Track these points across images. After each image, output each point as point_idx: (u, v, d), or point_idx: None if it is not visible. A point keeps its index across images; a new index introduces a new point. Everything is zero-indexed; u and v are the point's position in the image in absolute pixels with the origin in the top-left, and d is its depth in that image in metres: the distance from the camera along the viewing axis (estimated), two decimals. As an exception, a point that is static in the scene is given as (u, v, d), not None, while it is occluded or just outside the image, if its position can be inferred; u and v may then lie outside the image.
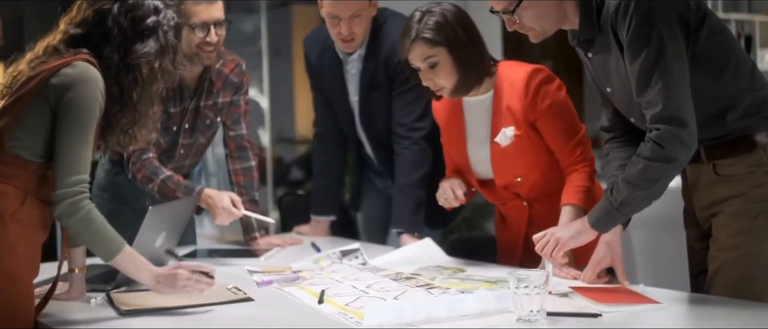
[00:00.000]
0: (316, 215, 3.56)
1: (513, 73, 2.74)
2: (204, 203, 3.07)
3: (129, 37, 2.28)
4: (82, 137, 2.21)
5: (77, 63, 2.22)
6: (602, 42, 2.34)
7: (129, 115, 2.33)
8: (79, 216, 2.21)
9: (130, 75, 2.29)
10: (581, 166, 2.73)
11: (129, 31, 2.28)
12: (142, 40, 2.29)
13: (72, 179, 2.20)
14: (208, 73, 3.18)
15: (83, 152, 2.22)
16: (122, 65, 2.28)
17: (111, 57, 2.27)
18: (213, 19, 3.03)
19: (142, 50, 2.28)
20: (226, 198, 3.04)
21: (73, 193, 2.20)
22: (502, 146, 2.75)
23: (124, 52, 2.28)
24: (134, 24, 2.29)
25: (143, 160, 3.10)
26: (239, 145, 3.33)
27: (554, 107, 2.71)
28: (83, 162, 2.22)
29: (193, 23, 3.02)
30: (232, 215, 3.04)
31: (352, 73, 3.31)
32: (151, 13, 2.32)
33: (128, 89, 2.29)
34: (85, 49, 2.26)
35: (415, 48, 2.68)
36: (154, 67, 2.32)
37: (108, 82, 2.26)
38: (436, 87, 2.73)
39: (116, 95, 2.29)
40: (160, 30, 2.32)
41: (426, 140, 3.20)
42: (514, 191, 2.87)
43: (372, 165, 3.52)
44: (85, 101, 2.20)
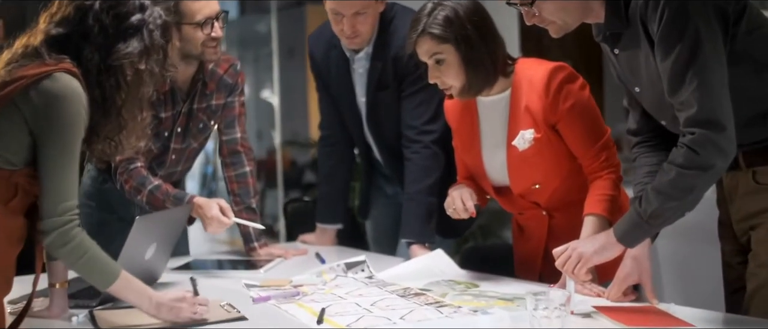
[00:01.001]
0: (321, 224, 3.39)
1: (532, 71, 2.58)
2: (195, 213, 2.93)
3: (111, 36, 2.12)
4: (67, 159, 2.06)
5: (58, 76, 2.05)
6: (630, 37, 2.16)
7: (113, 122, 2.17)
8: (70, 247, 2.08)
9: (113, 78, 2.13)
10: (606, 172, 2.56)
11: (111, 29, 2.12)
12: (125, 40, 2.13)
13: (60, 207, 2.06)
14: (201, 75, 3.03)
15: (69, 176, 2.07)
16: (103, 67, 2.11)
17: (91, 58, 2.11)
18: (215, 12, 2.90)
19: (124, 51, 2.12)
20: (215, 206, 2.88)
21: (62, 222, 2.06)
22: (520, 151, 2.59)
23: (106, 53, 2.11)
24: (117, 22, 2.13)
25: (131, 170, 2.96)
26: (232, 150, 3.17)
27: (577, 108, 2.54)
28: (70, 186, 2.08)
29: (197, 21, 2.86)
30: (222, 223, 2.87)
31: (359, 73, 3.13)
32: (136, 11, 2.15)
33: (111, 93, 2.13)
34: (67, 55, 2.10)
35: (421, 43, 2.54)
36: (139, 70, 2.16)
37: (89, 85, 2.10)
38: (444, 85, 2.58)
39: (98, 100, 2.12)
40: (144, 29, 2.15)
41: (438, 144, 3.03)
42: (532, 199, 2.69)
43: (381, 170, 3.34)
44: (67, 120, 2.05)
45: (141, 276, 2.55)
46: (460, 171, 2.83)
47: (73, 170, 2.07)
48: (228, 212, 2.89)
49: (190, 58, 2.95)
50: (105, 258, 2.12)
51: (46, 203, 2.06)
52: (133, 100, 2.18)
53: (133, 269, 2.46)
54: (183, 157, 3.14)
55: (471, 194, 2.68)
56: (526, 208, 2.74)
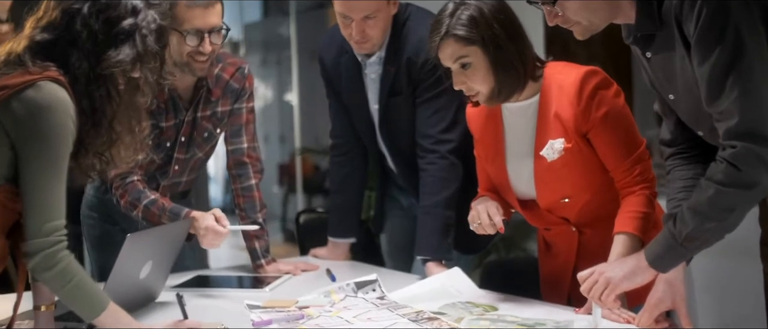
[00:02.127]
0: (333, 237, 3.21)
1: (563, 76, 2.41)
2: (191, 228, 2.76)
3: (101, 42, 1.96)
4: (53, 175, 1.92)
5: (43, 84, 1.90)
6: (664, 39, 1.97)
7: (103, 135, 2.01)
8: (56, 271, 1.94)
9: (103, 88, 1.98)
10: (639, 187, 2.37)
11: (101, 35, 1.96)
12: (116, 46, 1.97)
13: (46, 227, 1.92)
14: (204, 81, 2.87)
15: (56, 194, 1.93)
16: (93, 76, 1.96)
17: (80, 66, 1.95)
18: (208, 26, 2.72)
19: (115, 58, 1.96)
20: (209, 217, 2.72)
21: (48, 244, 1.92)
22: (548, 161, 2.42)
23: (96, 61, 1.96)
24: (107, 27, 1.97)
25: (126, 184, 2.81)
26: (239, 161, 3.00)
27: (611, 117, 2.37)
28: (57, 205, 1.93)
29: (185, 30, 2.70)
30: (218, 233, 2.71)
31: (371, 78, 2.95)
32: (128, 15, 2.00)
33: (101, 104, 1.98)
34: (52, 62, 1.94)
35: (445, 46, 2.36)
36: (132, 79, 2.01)
37: (77, 95, 1.95)
38: (470, 91, 2.41)
39: (87, 111, 1.97)
40: (137, 34, 1.99)
41: (455, 154, 2.85)
42: (560, 214, 2.52)
43: (396, 181, 3.16)
44: (53, 132, 1.90)
45: (136, 296, 2.43)
46: (483, 183, 2.66)
47: (59, 186, 1.93)
48: (223, 221, 2.73)
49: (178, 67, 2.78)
50: (93, 286, 1.98)
51: (30, 222, 1.92)
52: (126, 111, 2.03)
53: (127, 288, 2.35)
54: (187, 167, 2.98)
55: (497, 207, 2.51)
56: (553, 223, 2.56)
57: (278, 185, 9.56)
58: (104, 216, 3.03)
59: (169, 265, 2.60)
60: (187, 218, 2.71)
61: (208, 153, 3.03)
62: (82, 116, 1.96)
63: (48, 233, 1.91)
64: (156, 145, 2.84)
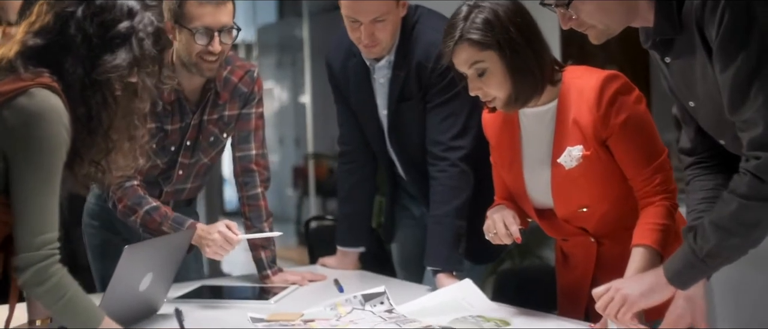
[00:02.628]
0: (342, 247, 3.12)
1: (582, 81, 2.32)
2: (195, 241, 2.69)
3: (96, 46, 1.89)
4: (45, 186, 1.84)
5: (35, 91, 1.83)
6: (684, 43, 1.87)
7: (99, 143, 1.94)
8: (48, 286, 1.86)
9: (99, 94, 1.90)
10: (659, 198, 2.28)
11: (96, 39, 1.89)
12: (112, 51, 1.89)
13: (38, 240, 1.84)
14: (212, 84, 2.79)
15: (49, 205, 1.85)
16: (88, 82, 1.88)
17: (74, 72, 1.87)
18: (218, 24, 2.65)
19: (111, 63, 1.88)
20: (220, 224, 2.66)
21: (40, 258, 1.84)
22: (566, 169, 2.33)
23: (91, 66, 1.88)
24: (102, 30, 1.89)
25: (126, 188, 2.74)
26: (246, 168, 2.91)
27: (631, 123, 2.28)
28: (49, 217, 1.86)
29: (194, 28, 2.62)
30: (230, 240, 2.64)
31: (380, 83, 2.86)
32: (124, 18, 1.92)
33: (97, 111, 1.91)
34: (46, 68, 1.87)
35: (459, 51, 2.27)
36: (129, 84, 1.93)
37: (72, 102, 1.87)
38: (487, 97, 2.32)
39: (82, 119, 1.90)
40: (133, 38, 1.92)
41: (466, 161, 2.76)
42: (578, 224, 2.43)
43: (406, 188, 3.07)
44: (46, 141, 1.83)
45: (136, 308, 2.36)
46: (499, 191, 2.57)
47: (52, 197, 1.85)
48: (235, 228, 2.67)
49: (186, 67, 2.71)
50: (87, 301, 1.90)
51: (21, 235, 1.84)
52: (124, 118, 1.95)
53: (126, 301, 2.28)
54: (192, 173, 2.91)
55: (514, 217, 2.42)
56: (571, 234, 2.47)
57: (293, 188, 9.50)
58: (106, 224, 2.96)
59: (170, 277, 2.52)
60: (191, 229, 2.63)
61: (214, 159, 2.95)
62: (77, 123, 1.88)
63: (39, 246, 1.84)
64: (160, 148, 2.78)
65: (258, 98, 2.89)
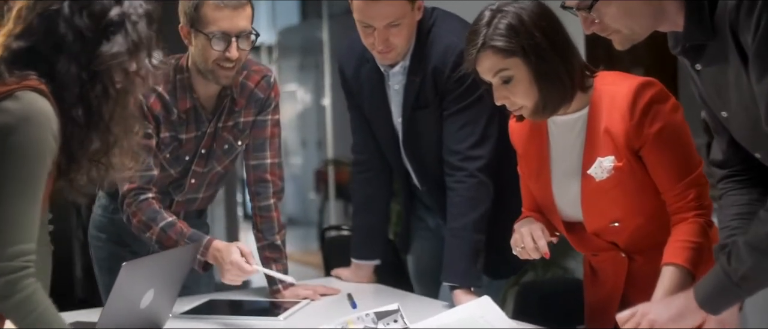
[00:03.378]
0: (356, 259, 3.00)
1: (615, 87, 2.21)
2: (211, 258, 2.60)
3: (90, 39, 1.78)
4: (25, 195, 1.73)
5: (21, 94, 1.72)
6: (717, 50, 1.75)
7: (100, 139, 1.83)
8: (16, 300, 1.73)
9: (99, 86, 1.79)
10: (693, 214, 2.16)
11: (88, 32, 1.78)
12: (108, 40, 1.79)
13: (11, 250, 1.72)
14: (228, 90, 2.70)
15: (28, 215, 1.74)
16: (86, 77, 1.78)
17: (68, 70, 1.77)
18: (236, 29, 2.55)
19: (110, 51, 1.78)
20: (235, 251, 2.55)
21: (12, 269, 1.72)
22: (597, 181, 2.22)
23: (87, 60, 1.78)
24: (94, 22, 1.79)
25: (140, 201, 2.64)
26: (260, 177, 2.80)
27: (666, 133, 2.16)
28: (27, 227, 1.74)
29: (210, 33, 2.53)
30: (243, 271, 2.55)
31: (394, 89, 2.75)
32: (113, 4, 1.81)
33: (97, 105, 1.80)
34: (33, 70, 1.76)
35: (483, 59, 2.16)
36: (129, 72, 1.82)
37: (68, 104, 1.77)
38: (514, 106, 2.21)
39: (80, 118, 1.79)
40: (127, 22, 1.81)
41: (485, 172, 2.64)
42: (609, 238, 2.31)
43: (422, 199, 2.95)
44: (30, 147, 1.72)
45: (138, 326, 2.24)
46: (527, 202, 2.46)
47: (32, 207, 1.74)
48: (250, 259, 2.56)
49: (202, 74, 2.61)
50: (58, 320, 1.78)
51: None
52: (124, 110, 1.85)
53: (126, 319, 2.21)
54: (204, 182, 2.81)
55: (543, 230, 2.31)
56: (601, 248, 2.36)
57: (315, 191, 9.42)
58: (113, 237, 2.88)
59: (174, 292, 2.42)
60: (195, 243, 2.53)
61: (228, 167, 2.86)
62: (74, 124, 1.78)
63: (12, 257, 1.72)
64: (174, 158, 2.70)
65: (274, 104, 2.79)
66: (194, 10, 2.55)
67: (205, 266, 2.64)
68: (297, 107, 10.32)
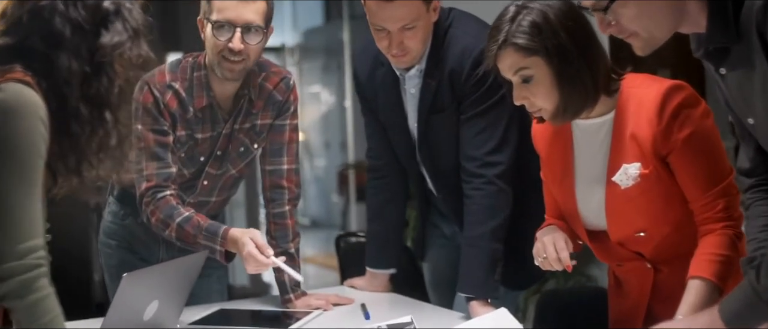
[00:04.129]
0: (371, 268, 2.92)
1: (643, 90, 2.12)
2: (231, 247, 2.53)
3: (89, 32, 1.73)
4: (26, 187, 1.65)
5: (5, 86, 1.66)
6: (742, 53, 1.66)
7: (110, 132, 1.77)
8: (30, 300, 1.65)
9: (105, 78, 1.74)
10: (721, 226, 2.07)
11: (86, 24, 1.72)
12: (107, 29, 1.74)
13: (21, 248, 1.64)
14: (246, 90, 2.63)
15: (32, 208, 1.66)
16: (90, 70, 1.72)
17: (69, 66, 1.71)
18: (241, 20, 2.48)
19: (112, 41, 1.74)
20: (249, 242, 2.47)
21: (26, 268, 1.64)
22: (622, 189, 2.13)
23: (89, 53, 1.72)
24: (90, 13, 1.73)
25: (158, 199, 2.58)
26: (275, 183, 2.73)
27: (695, 139, 2.07)
28: (33, 221, 1.66)
29: (212, 19, 2.47)
30: (260, 263, 2.47)
31: (410, 93, 2.66)
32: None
33: (106, 96, 1.74)
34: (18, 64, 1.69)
35: (504, 56, 2.08)
36: (131, 59, 1.77)
37: (73, 100, 1.71)
38: (533, 107, 2.13)
39: (85, 115, 1.73)
40: (123, 9, 1.77)
41: (503, 179, 2.55)
42: (634, 248, 2.22)
43: (438, 206, 2.86)
44: (23, 138, 1.65)
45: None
46: (550, 209, 2.37)
47: (35, 199, 1.66)
48: (265, 250, 2.48)
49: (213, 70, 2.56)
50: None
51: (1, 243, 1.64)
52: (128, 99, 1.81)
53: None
54: (218, 184, 2.75)
55: (566, 240, 2.22)
56: (626, 259, 2.26)
57: (338, 193, 9.36)
58: (123, 244, 2.82)
59: (180, 303, 2.36)
60: (201, 253, 2.46)
61: (243, 171, 2.79)
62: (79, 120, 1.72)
63: (23, 254, 1.64)
64: (188, 158, 2.64)
65: (293, 108, 2.72)
66: (206, 0, 2.50)
67: (228, 256, 2.58)
68: (321, 108, 10.28)
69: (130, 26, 1.75)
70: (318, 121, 10.34)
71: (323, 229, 9.67)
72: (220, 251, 2.54)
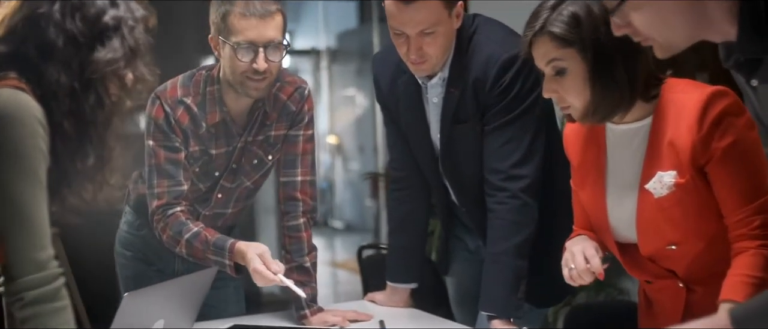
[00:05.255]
0: (392, 282, 2.82)
1: (684, 96, 2.00)
2: (240, 260, 2.47)
3: (83, 45, 1.67)
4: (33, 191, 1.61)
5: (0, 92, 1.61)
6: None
7: (94, 153, 1.70)
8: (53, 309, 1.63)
9: (93, 95, 1.68)
10: (757, 244, 1.94)
11: (82, 37, 1.67)
12: (104, 45, 1.68)
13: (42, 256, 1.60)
14: (260, 103, 2.57)
15: (43, 213, 1.62)
16: (79, 85, 1.66)
17: (58, 79, 1.65)
18: (263, 40, 2.42)
19: (105, 57, 1.67)
20: (254, 258, 2.40)
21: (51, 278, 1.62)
22: (656, 198, 2.01)
23: (80, 67, 1.66)
24: (88, 26, 1.68)
25: (168, 216, 2.53)
26: (289, 196, 2.65)
27: (737, 150, 1.94)
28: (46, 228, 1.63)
29: (236, 43, 2.40)
30: (266, 278, 2.40)
31: (433, 103, 2.56)
32: (108, 7, 1.70)
33: (91, 116, 1.68)
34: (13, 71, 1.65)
35: (538, 44, 2.00)
36: (124, 81, 1.70)
37: (58, 115, 1.65)
38: (562, 103, 2.04)
39: (71, 131, 1.66)
40: (123, 27, 1.70)
41: (528, 193, 2.45)
42: (666, 265, 2.10)
43: (462, 218, 2.75)
44: (22, 142, 1.60)
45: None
46: (579, 219, 2.26)
47: (42, 203, 1.62)
48: (271, 266, 2.41)
49: (232, 87, 2.48)
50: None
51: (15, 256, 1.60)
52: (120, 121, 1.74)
53: None
54: (232, 197, 2.68)
55: (597, 249, 2.11)
56: (657, 275, 2.14)
57: (371, 198, 9.28)
58: (139, 255, 2.77)
59: (189, 320, 2.29)
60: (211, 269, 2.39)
61: (257, 182, 2.71)
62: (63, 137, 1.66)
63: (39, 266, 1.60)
64: (203, 173, 2.58)
65: (308, 119, 2.64)
66: (221, 20, 2.43)
67: (238, 268, 2.51)
68: (355, 111, 10.21)
69: (127, 45, 1.68)
70: (351, 124, 10.27)
71: (356, 233, 9.60)
72: (229, 265, 2.48)
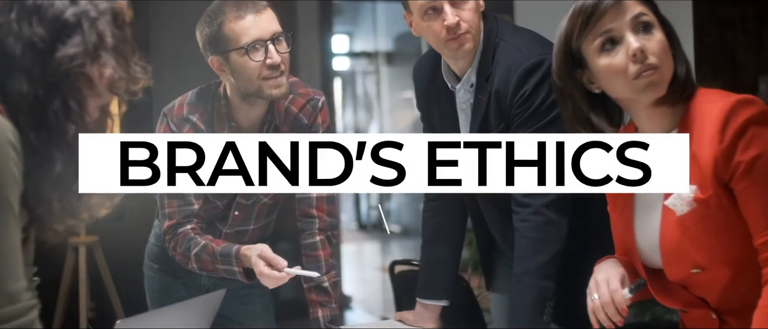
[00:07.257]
0: (422, 299, 2.69)
1: (709, 106, 1.84)
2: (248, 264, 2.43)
3: (45, 49, 1.54)
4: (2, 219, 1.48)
5: None
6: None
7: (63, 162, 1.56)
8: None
9: (57, 100, 1.54)
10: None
11: (41, 42, 1.54)
12: (63, 41, 1.54)
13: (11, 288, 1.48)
14: (270, 116, 2.50)
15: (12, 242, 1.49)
16: (42, 92, 1.53)
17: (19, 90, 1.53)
18: (268, 33, 2.39)
19: (67, 53, 1.53)
20: (258, 262, 2.36)
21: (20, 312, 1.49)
22: (678, 216, 1.85)
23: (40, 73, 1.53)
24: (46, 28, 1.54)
25: (178, 234, 2.50)
26: (305, 212, 2.59)
27: (763, 164, 1.77)
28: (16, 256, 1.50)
29: (245, 45, 2.35)
30: (274, 279, 2.35)
31: (462, 109, 2.48)
32: (68, 5, 1.56)
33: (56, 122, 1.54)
34: None
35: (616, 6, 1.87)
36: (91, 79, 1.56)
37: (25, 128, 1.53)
38: (648, 61, 1.85)
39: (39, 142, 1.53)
40: (84, 20, 1.56)
41: (553, 209, 2.32)
42: (696, 292, 1.93)
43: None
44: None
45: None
46: (617, 245, 2.09)
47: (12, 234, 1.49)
48: (276, 264, 2.36)
49: (251, 97, 2.42)
50: None
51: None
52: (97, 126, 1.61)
53: None
54: (252, 213, 2.62)
55: (624, 278, 1.95)
56: (688, 304, 1.96)
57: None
58: (165, 268, 2.72)
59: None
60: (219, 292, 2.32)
61: (277, 198, 2.65)
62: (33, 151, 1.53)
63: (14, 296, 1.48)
64: None
65: (322, 131, 2.57)
66: (216, 33, 2.39)
67: (249, 274, 2.45)
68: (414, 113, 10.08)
69: (89, 40, 1.55)
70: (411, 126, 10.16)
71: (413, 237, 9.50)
72: (238, 271, 2.43)
